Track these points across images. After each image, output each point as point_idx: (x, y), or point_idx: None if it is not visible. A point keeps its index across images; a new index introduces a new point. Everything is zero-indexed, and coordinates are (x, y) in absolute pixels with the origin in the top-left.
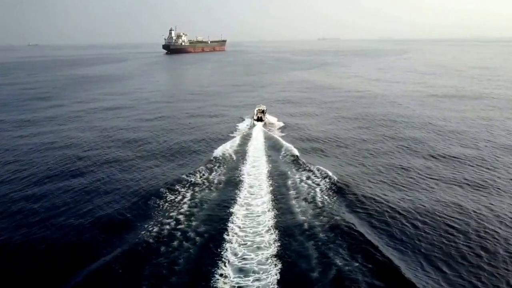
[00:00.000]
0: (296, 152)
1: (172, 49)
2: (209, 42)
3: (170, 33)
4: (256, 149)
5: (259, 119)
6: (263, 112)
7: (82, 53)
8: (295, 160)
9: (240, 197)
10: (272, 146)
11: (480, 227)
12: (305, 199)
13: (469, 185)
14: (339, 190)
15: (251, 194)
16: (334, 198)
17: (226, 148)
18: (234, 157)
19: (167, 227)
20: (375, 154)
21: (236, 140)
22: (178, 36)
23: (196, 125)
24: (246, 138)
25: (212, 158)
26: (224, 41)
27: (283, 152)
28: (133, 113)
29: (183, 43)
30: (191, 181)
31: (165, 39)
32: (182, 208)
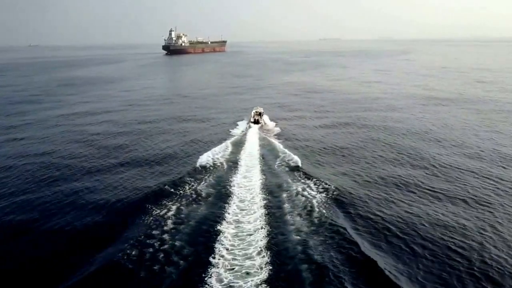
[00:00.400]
0: (292, 160)
1: (172, 49)
2: (209, 42)
3: (170, 34)
4: (250, 156)
5: (256, 122)
6: (260, 114)
7: (81, 54)
8: (291, 169)
9: (229, 213)
10: (267, 153)
11: (485, 252)
12: (300, 215)
13: (473, 199)
14: (337, 205)
15: (242, 210)
16: (331, 212)
17: (218, 156)
18: (225, 166)
19: (149, 249)
20: (374, 163)
21: (229, 146)
22: (178, 37)
23: (188, 130)
24: (240, 144)
25: (200, 166)
26: (225, 41)
27: (278, 161)
28: (124, 116)
29: (183, 44)
30: (177, 193)
31: (165, 40)
32: (166, 225)
